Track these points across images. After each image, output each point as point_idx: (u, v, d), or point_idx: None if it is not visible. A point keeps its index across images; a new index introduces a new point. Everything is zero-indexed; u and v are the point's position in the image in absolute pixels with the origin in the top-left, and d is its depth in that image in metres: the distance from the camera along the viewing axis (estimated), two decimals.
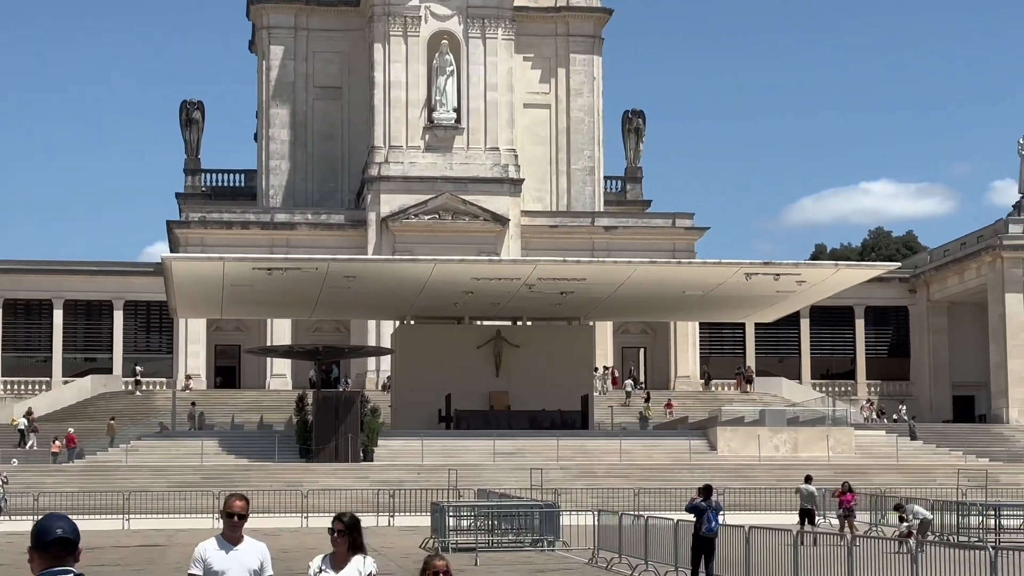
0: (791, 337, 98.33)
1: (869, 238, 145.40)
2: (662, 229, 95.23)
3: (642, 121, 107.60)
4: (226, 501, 11.75)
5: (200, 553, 11.59)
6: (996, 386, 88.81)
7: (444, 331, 77.17)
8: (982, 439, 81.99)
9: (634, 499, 54.66)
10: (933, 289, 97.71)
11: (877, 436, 76.04)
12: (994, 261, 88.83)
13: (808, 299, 77.75)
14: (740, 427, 72.93)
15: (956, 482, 62.70)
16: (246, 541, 11.62)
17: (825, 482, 53.64)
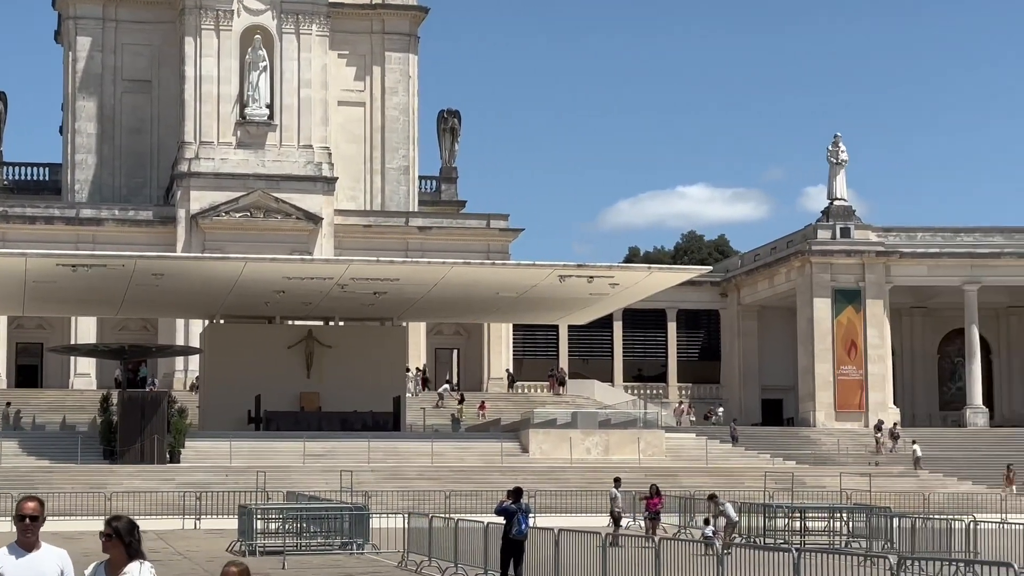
0: (604, 339, 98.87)
1: (682, 242, 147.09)
2: (477, 230, 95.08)
3: (458, 121, 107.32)
4: (18, 504, 11.07)
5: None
6: (804, 389, 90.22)
7: (254, 331, 76.15)
8: (790, 442, 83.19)
9: (445, 501, 54.28)
10: (744, 293, 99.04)
11: (687, 439, 76.72)
12: (803, 266, 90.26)
13: (621, 301, 78.20)
14: (552, 429, 72.95)
15: (763, 485, 63.41)
16: (44, 548, 10.90)
17: (636, 484, 53.76)
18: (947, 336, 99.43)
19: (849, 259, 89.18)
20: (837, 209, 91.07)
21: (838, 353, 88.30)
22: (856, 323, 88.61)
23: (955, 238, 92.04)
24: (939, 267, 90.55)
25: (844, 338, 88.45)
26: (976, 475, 75.02)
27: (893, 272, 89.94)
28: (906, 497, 61.58)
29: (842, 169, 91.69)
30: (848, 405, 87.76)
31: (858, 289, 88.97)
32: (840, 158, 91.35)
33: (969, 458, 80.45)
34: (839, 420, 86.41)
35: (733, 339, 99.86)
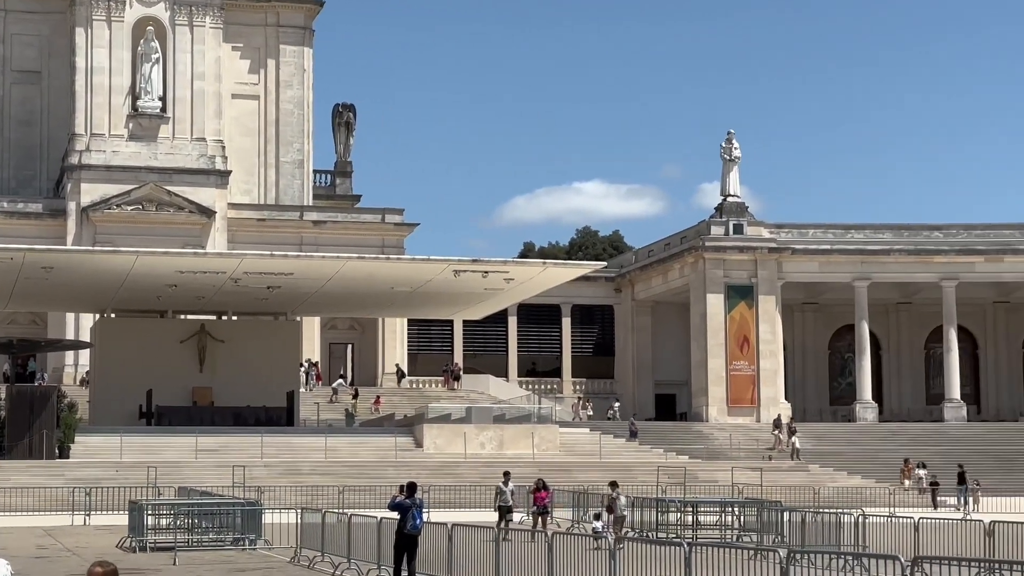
0: (498, 334, 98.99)
1: (577, 237, 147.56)
2: (372, 224, 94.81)
3: (353, 115, 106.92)
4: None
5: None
6: (697, 384, 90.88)
7: (146, 325, 75.46)
8: (683, 436, 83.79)
9: (339, 497, 54.07)
10: (638, 289, 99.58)
11: (581, 433, 77.01)
12: (696, 262, 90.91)
13: (516, 297, 78.34)
14: (447, 424, 73.00)
15: (656, 479, 63.83)
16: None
17: (531, 479, 53.84)
18: (838, 332, 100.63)
19: (742, 255, 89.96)
20: (730, 205, 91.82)
21: (731, 348, 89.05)
22: (748, 319, 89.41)
23: (846, 235, 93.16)
24: (830, 263, 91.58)
25: (737, 333, 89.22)
26: (865, 469, 76.03)
27: (785, 268, 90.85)
28: (797, 491, 62.24)
29: (735, 166, 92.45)
30: (740, 400, 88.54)
31: (751, 285, 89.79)
32: (733, 155, 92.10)
33: (859, 453, 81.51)
34: (731, 415, 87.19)
35: (627, 334, 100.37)
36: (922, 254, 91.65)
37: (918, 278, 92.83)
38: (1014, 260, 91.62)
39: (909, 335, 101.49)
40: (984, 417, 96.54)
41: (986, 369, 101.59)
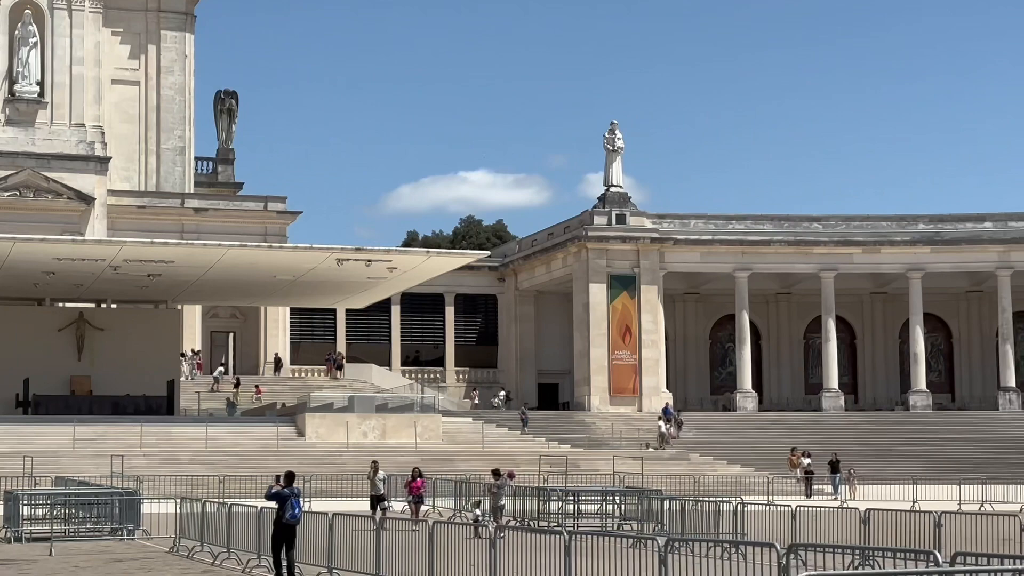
0: (382, 323, 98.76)
1: (461, 226, 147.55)
2: (254, 212, 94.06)
3: (235, 102, 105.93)
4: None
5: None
6: (579, 374, 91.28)
7: (23, 313, 74.34)
8: (565, 426, 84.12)
9: (219, 486, 53.69)
10: (521, 278, 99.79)
11: (464, 423, 77.07)
12: (579, 252, 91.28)
13: (399, 286, 78.17)
14: (329, 414, 72.69)
15: (539, 468, 64.05)
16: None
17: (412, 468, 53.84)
18: (719, 322, 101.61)
19: (624, 245, 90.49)
20: (613, 196, 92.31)
21: (613, 338, 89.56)
22: (631, 308, 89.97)
23: (727, 225, 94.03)
24: (711, 254, 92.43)
25: (619, 323, 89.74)
26: (745, 458, 76.84)
27: (667, 258, 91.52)
28: (677, 480, 62.73)
29: (619, 156, 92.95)
30: (622, 389, 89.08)
31: (633, 275, 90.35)
32: (616, 145, 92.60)
33: (739, 441, 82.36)
34: (613, 404, 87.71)
35: (510, 323, 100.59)
36: (802, 245, 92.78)
37: (798, 269, 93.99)
38: (891, 251, 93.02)
39: (788, 325, 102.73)
40: (861, 406, 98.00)
41: (863, 359, 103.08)
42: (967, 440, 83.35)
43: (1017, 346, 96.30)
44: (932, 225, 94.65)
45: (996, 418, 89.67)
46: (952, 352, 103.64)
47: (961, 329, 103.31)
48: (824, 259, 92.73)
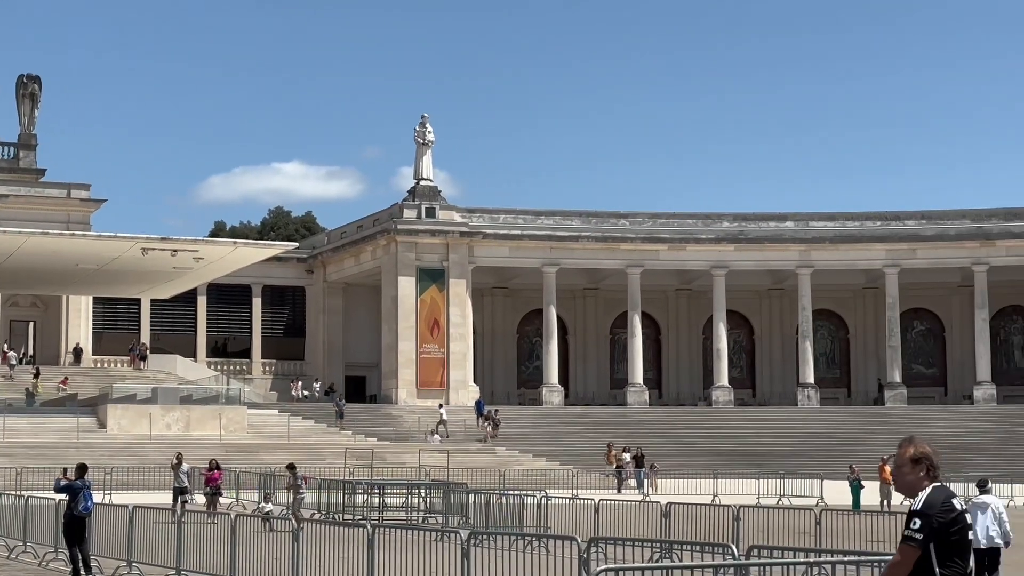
0: (187, 314, 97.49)
1: (269, 218, 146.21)
2: (56, 199, 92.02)
3: (38, 86, 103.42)
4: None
5: None
6: (387, 367, 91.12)
7: None
8: (372, 419, 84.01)
9: (17, 478, 52.51)
10: (330, 270, 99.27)
11: (270, 415, 76.61)
12: (388, 245, 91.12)
13: (206, 276, 77.37)
14: (132, 405, 71.64)
15: (345, 461, 63.86)
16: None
17: (221, 461, 53.30)
18: (526, 316, 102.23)
19: (434, 239, 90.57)
20: (423, 189, 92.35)
21: (421, 331, 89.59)
22: (439, 302, 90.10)
23: (536, 220, 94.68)
24: (520, 249, 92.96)
25: (427, 317, 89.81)
26: (551, 452, 77.50)
27: (476, 253, 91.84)
28: (483, 473, 63.02)
29: (429, 150, 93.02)
30: (430, 383, 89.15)
31: (442, 269, 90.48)
32: (427, 139, 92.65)
33: (545, 435, 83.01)
34: (420, 397, 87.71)
35: (318, 315, 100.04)
36: (609, 241, 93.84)
37: (605, 265, 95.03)
38: (696, 249, 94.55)
39: (595, 320, 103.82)
40: (665, 401, 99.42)
41: (668, 355, 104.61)
42: (767, 435, 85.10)
43: (816, 344, 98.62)
44: (736, 224, 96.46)
45: (795, 414, 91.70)
46: (754, 349, 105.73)
47: (763, 326, 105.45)
48: (631, 256, 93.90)
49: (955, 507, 9.95)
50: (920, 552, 9.83)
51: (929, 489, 10.00)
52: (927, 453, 10.12)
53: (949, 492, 9.99)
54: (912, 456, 10.13)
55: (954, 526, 9.89)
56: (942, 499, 9.93)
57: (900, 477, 10.20)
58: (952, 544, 9.88)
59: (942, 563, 9.85)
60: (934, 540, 9.82)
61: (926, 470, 10.09)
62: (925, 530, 9.81)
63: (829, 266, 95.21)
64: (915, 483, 10.08)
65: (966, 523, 9.97)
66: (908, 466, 10.14)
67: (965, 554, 9.94)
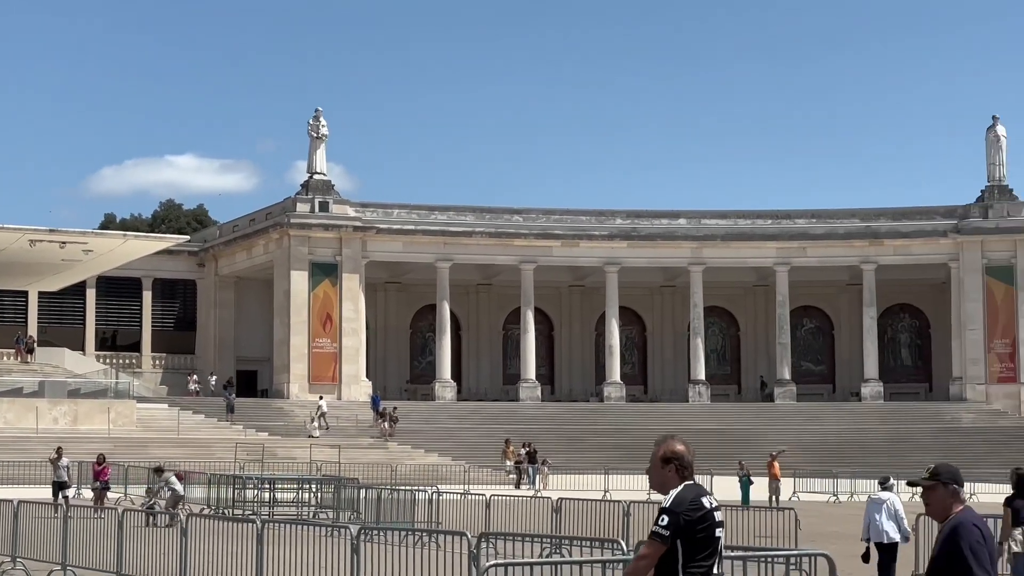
0: (76, 307, 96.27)
1: (160, 210, 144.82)
2: None
3: None
4: None
5: None
6: (279, 361, 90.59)
7: None
8: (263, 413, 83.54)
9: None
10: (222, 264, 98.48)
11: (160, 409, 75.93)
12: (281, 239, 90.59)
13: (95, 269, 76.55)
14: (18, 398, 70.72)
15: (235, 455, 63.45)
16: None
17: (109, 456, 52.74)
18: (420, 311, 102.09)
19: (327, 233, 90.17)
20: (316, 183, 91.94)
21: (313, 326, 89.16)
22: (332, 296, 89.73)
23: (430, 216, 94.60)
24: (414, 244, 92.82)
25: (320, 311, 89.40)
26: (443, 447, 77.49)
27: (369, 247, 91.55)
28: (375, 469, 62.89)
29: (323, 143, 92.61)
30: (322, 378, 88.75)
31: (335, 263, 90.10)
32: (321, 132, 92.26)
33: (437, 431, 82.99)
34: (313, 392, 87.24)
35: (209, 309, 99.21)
36: (503, 237, 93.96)
37: (498, 260, 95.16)
38: (589, 245, 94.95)
39: (488, 316, 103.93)
40: (558, 397, 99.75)
41: (561, 351, 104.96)
42: (658, 431, 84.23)
43: (707, 340, 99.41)
44: (629, 221, 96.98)
45: (686, 410, 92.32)
46: (646, 345, 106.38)
47: (655, 323, 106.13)
48: (524, 251, 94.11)
49: (704, 505, 10.17)
50: (666, 547, 10.05)
51: (680, 487, 10.24)
52: (677, 452, 10.40)
53: (700, 491, 10.23)
54: (662, 456, 10.43)
55: (701, 524, 10.11)
56: (691, 497, 10.16)
57: (653, 475, 10.49)
58: (698, 542, 10.11)
59: (687, 560, 10.08)
60: (681, 537, 10.06)
61: (675, 469, 10.35)
62: (672, 527, 10.05)
63: (721, 263, 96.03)
64: (666, 481, 10.33)
65: (714, 521, 10.19)
66: (659, 465, 10.42)
67: (712, 552, 10.18)
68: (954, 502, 10.36)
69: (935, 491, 10.45)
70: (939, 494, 10.42)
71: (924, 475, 10.56)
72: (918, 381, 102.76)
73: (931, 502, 10.44)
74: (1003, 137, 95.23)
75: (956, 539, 10.09)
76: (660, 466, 10.44)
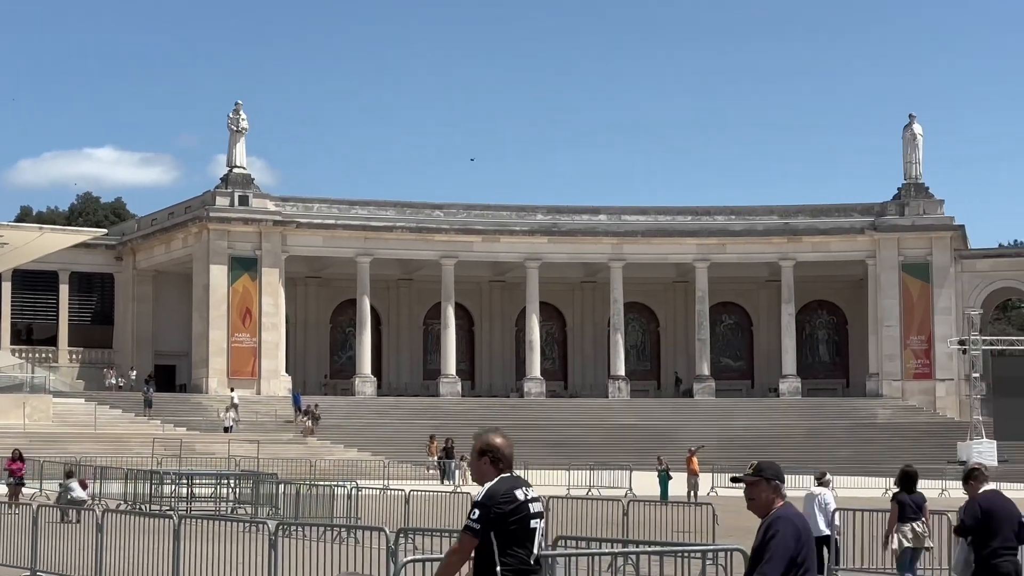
0: None
1: (78, 203, 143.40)
2: None
3: None
4: None
5: None
6: (198, 356, 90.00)
7: None
8: (181, 408, 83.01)
9: None
10: (140, 257, 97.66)
11: (77, 404, 75.26)
12: (200, 232, 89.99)
13: (10, 262, 75.56)
14: None
15: (153, 450, 62.98)
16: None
17: (25, 451, 52.21)
18: (340, 306, 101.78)
19: (246, 227, 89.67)
20: (236, 177, 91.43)
21: (233, 320, 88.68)
22: (252, 291, 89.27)
23: (350, 210, 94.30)
24: (334, 238, 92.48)
25: (239, 305, 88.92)
26: (363, 443, 77.28)
27: (290, 242, 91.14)
28: (294, 464, 62.63)
29: (242, 137, 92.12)
30: (241, 372, 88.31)
31: (255, 257, 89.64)
32: (241, 126, 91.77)
33: (357, 426, 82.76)
34: (232, 387, 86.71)
35: (127, 303, 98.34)
36: (423, 232, 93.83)
37: (419, 255, 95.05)
38: (510, 241, 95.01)
39: (409, 311, 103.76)
40: (478, 392, 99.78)
41: (481, 346, 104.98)
42: (578, 427, 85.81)
43: (627, 336, 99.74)
44: (550, 216, 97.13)
45: (606, 405, 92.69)
46: (566, 341, 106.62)
47: (575, 318, 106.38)
48: (445, 247, 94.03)
49: (517, 498, 10.39)
50: (478, 540, 10.27)
51: (495, 480, 10.49)
52: (493, 445, 10.67)
53: (515, 483, 10.47)
54: (479, 448, 10.71)
55: (513, 516, 10.32)
56: (504, 490, 10.39)
57: (472, 468, 10.75)
58: (511, 533, 10.31)
59: (502, 551, 10.28)
60: (494, 529, 10.27)
61: (490, 461, 10.61)
62: (483, 520, 10.27)
63: (641, 260, 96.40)
64: (483, 474, 10.59)
65: (528, 513, 10.40)
66: (476, 458, 10.69)
67: (527, 543, 10.38)
68: (775, 498, 10.62)
69: (758, 486, 10.68)
70: (761, 489, 10.66)
71: (748, 471, 10.75)
72: (835, 377, 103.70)
73: (754, 497, 10.68)
74: (920, 135, 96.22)
75: (774, 533, 10.36)
76: (477, 459, 10.67)
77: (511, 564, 10.24)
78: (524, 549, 10.31)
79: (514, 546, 10.27)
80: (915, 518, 22.05)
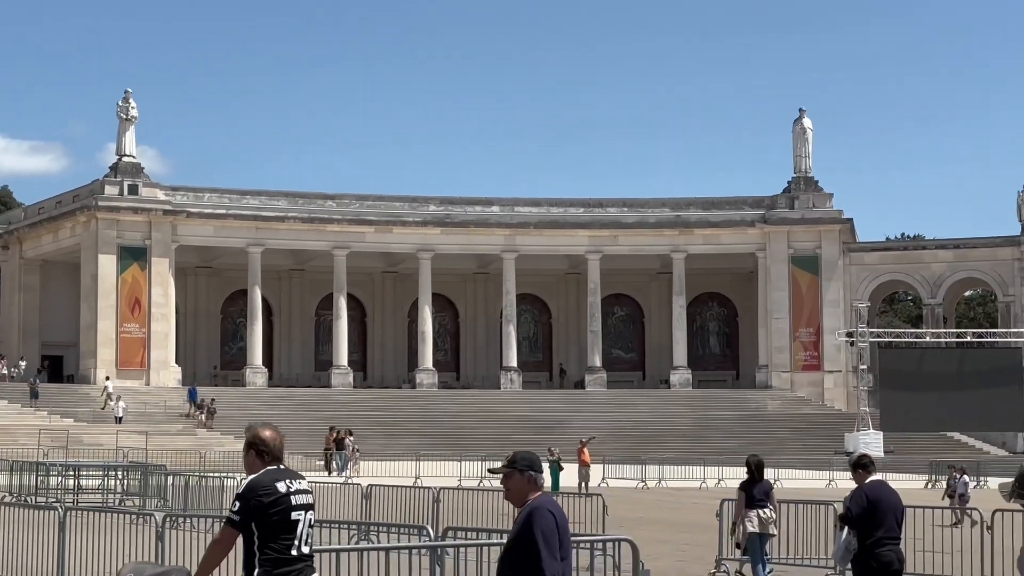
0: None
1: None
2: None
3: None
4: None
5: None
6: (86, 346, 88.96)
7: None
8: (69, 399, 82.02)
9: None
10: (27, 247, 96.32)
11: None
12: (89, 222, 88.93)
13: None
14: None
15: (38, 442, 62.16)
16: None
17: None
18: (231, 296, 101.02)
19: (136, 216, 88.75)
20: (126, 166, 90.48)
21: (122, 310, 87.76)
22: (141, 281, 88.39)
23: (241, 200, 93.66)
24: (225, 228, 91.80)
25: (128, 295, 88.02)
26: None
27: (180, 231, 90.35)
28: (184, 455, 62.07)
29: (132, 125, 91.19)
30: (130, 363, 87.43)
31: (144, 247, 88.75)
32: (130, 114, 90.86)
33: (248, 417, 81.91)
34: (120, 378, 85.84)
35: (13, 293, 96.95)
36: (315, 222, 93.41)
37: (311, 246, 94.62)
38: (403, 231, 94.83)
39: (301, 302, 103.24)
40: (370, 383, 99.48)
41: (374, 337, 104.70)
42: (470, 418, 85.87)
43: (520, 327, 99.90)
44: (443, 207, 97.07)
45: (498, 397, 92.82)
46: (459, 332, 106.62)
47: (468, 310, 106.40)
48: (337, 237, 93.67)
49: (278, 490, 10.50)
50: (239, 532, 10.44)
51: (260, 472, 10.59)
52: (260, 438, 10.72)
53: (279, 475, 10.58)
54: (247, 441, 10.77)
55: (273, 508, 10.44)
56: (266, 482, 10.50)
57: (244, 460, 10.81)
58: (274, 524, 10.45)
59: (264, 543, 10.43)
60: (255, 520, 10.41)
61: (257, 454, 10.68)
62: (243, 512, 10.41)
63: (533, 251, 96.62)
64: (249, 465, 10.69)
65: (289, 505, 10.51)
66: (245, 451, 10.76)
67: (289, 535, 10.51)
68: (531, 488, 10.72)
69: (512, 478, 10.81)
70: (516, 480, 10.78)
71: (503, 462, 10.88)
72: (726, 369, 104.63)
73: (509, 487, 10.81)
74: (809, 130, 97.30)
75: (530, 524, 10.47)
76: (246, 451, 10.73)
77: (270, 555, 10.38)
78: (286, 540, 10.43)
79: (276, 538, 10.40)
80: (762, 504, 22.39)
